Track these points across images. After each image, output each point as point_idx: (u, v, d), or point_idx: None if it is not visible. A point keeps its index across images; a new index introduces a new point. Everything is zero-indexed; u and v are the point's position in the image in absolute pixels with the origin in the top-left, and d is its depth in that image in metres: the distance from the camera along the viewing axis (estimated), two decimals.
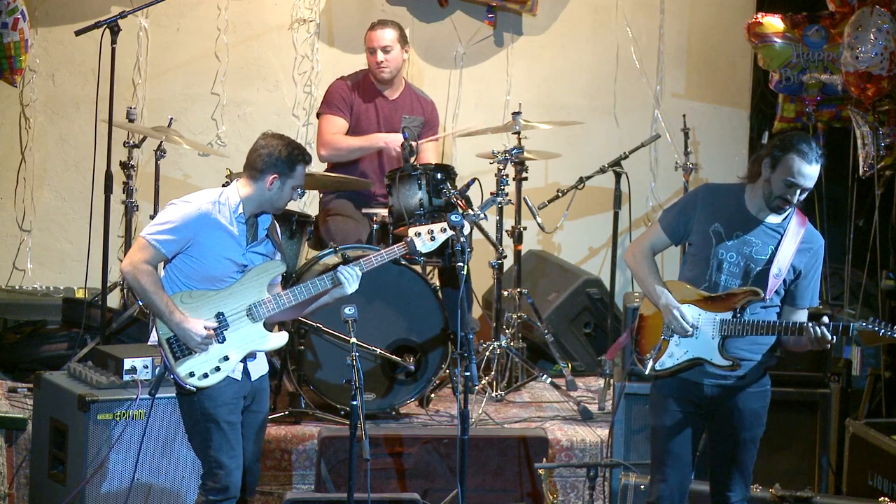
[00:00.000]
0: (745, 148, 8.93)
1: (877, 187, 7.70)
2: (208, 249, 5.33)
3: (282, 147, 5.37)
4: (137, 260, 5.30)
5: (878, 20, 7.39)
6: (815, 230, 5.40)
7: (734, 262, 5.29)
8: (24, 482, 6.45)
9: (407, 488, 6.34)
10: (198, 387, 5.33)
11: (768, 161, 5.24)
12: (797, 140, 5.22)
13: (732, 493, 5.38)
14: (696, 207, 5.35)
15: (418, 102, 7.70)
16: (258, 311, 5.39)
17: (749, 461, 5.38)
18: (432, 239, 5.66)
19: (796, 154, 5.18)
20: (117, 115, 7.28)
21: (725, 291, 5.29)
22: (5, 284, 8.29)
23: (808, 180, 5.20)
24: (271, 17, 8.55)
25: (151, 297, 5.30)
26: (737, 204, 5.32)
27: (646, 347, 5.39)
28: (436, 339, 6.87)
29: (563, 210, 7.72)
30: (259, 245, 5.44)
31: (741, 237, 5.28)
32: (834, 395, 6.69)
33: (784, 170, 5.20)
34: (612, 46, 8.83)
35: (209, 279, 5.36)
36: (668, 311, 5.30)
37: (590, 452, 6.72)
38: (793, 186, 5.20)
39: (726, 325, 5.27)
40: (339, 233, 7.30)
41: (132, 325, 7.26)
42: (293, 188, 5.40)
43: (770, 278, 5.25)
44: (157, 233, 5.32)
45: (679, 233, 5.39)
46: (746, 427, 5.34)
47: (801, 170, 5.18)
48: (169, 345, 5.33)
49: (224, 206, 5.36)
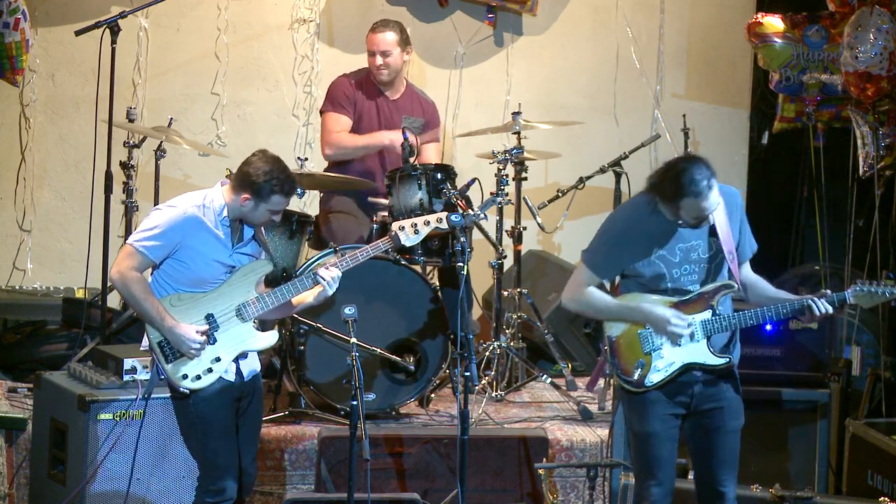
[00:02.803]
0: (745, 148, 8.93)
1: (877, 187, 7.70)
2: (196, 252, 5.32)
3: (262, 173, 5.29)
4: (125, 267, 5.30)
5: (877, 20, 7.39)
6: (725, 188, 5.26)
7: (690, 271, 5.24)
8: (24, 482, 6.45)
9: (407, 488, 6.34)
10: (191, 389, 5.33)
11: (669, 205, 5.13)
12: (685, 182, 5.06)
13: (726, 489, 5.32)
14: (625, 241, 5.25)
15: (419, 103, 7.70)
16: (247, 311, 5.39)
17: (737, 454, 5.34)
18: (416, 232, 5.67)
19: (690, 198, 5.07)
20: (117, 115, 7.28)
21: (697, 293, 5.25)
22: (5, 284, 8.29)
23: (711, 208, 5.11)
24: (271, 17, 8.55)
25: (142, 303, 5.29)
26: (658, 219, 5.22)
27: (628, 367, 5.30)
28: (436, 339, 6.86)
29: (563, 210, 7.72)
30: (245, 246, 5.43)
31: (683, 248, 5.23)
32: (834, 395, 6.69)
33: (688, 210, 5.11)
34: (612, 46, 8.83)
35: (198, 282, 5.36)
36: (663, 321, 5.22)
37: (590, 452, 6.71)
38: (702, 218, 5.14)
39: (709, 326, 5.24)
40: (341, 231, 7.30)
41: (132, 325, 7.26)
42: (269, 212, 5.36)
43: (728, 264, 5.22)
44: (144, 239, 5.31)
45: (614, 271, 5.30)
46: (733, 418, 5.31)
47: (702, 206, 5.09)
48: (161, 348, 5.34)
49: (209, 209, 5.34)
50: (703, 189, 5.07)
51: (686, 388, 5.28)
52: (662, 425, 5.28)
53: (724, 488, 5.33)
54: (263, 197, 5.31)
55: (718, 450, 5.31)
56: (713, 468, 5.33)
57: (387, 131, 7.48)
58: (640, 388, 5.27)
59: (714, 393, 5.29)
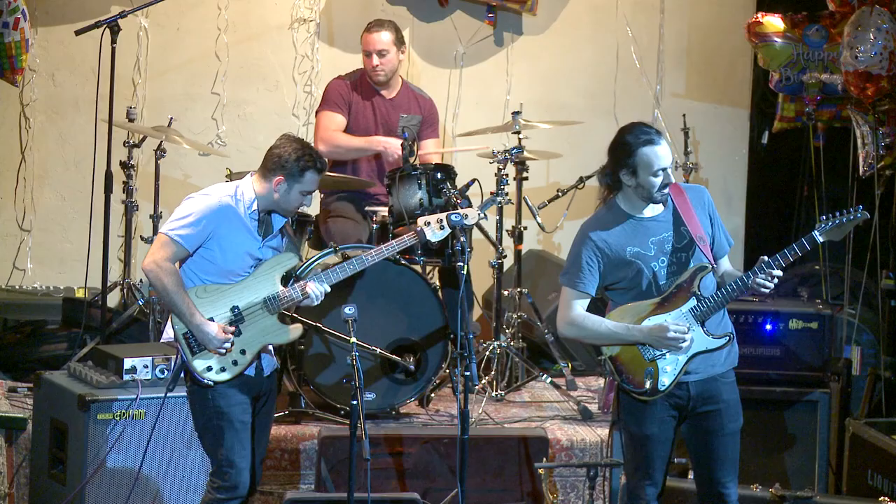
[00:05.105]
0: (745, 148, 8.93)
1: (877, 187, 7.70)
2: (228, 242, 5.31)
3: (292, 151, 5.31)
4: (160, 258, 5.26)
5: (877, 20, 7.39)
6: (690, 185, 5.39)
7: (667, 264, 5.25)
8: (24, 482, 6.45)
9: (407, 488, 6.34)
10: (215, 381, 5.32)
11: (625, 172, 5.19)
12: (632, 136, 5.17)
13: (728, 490, 5.32)
14: (597, 252, 5.26)
15: (416, 101, 7.70)
16: (274, 304, 5.38)
17: (738, 455, 5.34)
18: (441, 228, 5.67)
19: (644, 146, 5.15)
20: (117, 114, 7.28)
21: (675, 285, 5.24)
22: (5, 284, 8.30)
23: (668, 159, 5.18)
24: (271, 17, 8.56)
25: (173, 297, 5.27)
26: (624, 219, 5.26)
27: (638, 380, 5.28)
28: (436, 339, 6.86)
29: (564, 210, 7.72)
30: (272, 239, 5.43)
31: (655, 241, 5.24)
32: (834, 395, 6.69)
33: (644, 167, 5.16)
34: (612, 46, 8.83)
35: (225, 273, 5.34)
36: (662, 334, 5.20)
37: (590, 452, 6.71)
38: (661, 172, 5.18)
39: (697, 311, 5.22)
40: (339, 233, 7.30)
41: (132, 325, 7.27)
42: (301, 193, 5.35)
43: (701, 249, 5.22)
44: (179, 227, 5.27)
45: (596, 286, 5.29)
46: (732, 419, 5.30)
47: (658, 153, 5.15)
48: (186, 340, 5.32)
49: (240, 200, 5.34)
50: (652, 136, 5.16)
51: (682, 388, 5.27)
52: (660, 427, 5.28)
53: (725, 490, 5.33)
54: (296, 176, 5.31)
55: (718, 452, 5.30)
56: (713, 470, 5.33)
57: (382, 138, 7.47)
58: (655, 394, 5.26)
59: (711, 395, 5.28)
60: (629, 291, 5.28)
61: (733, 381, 5.35)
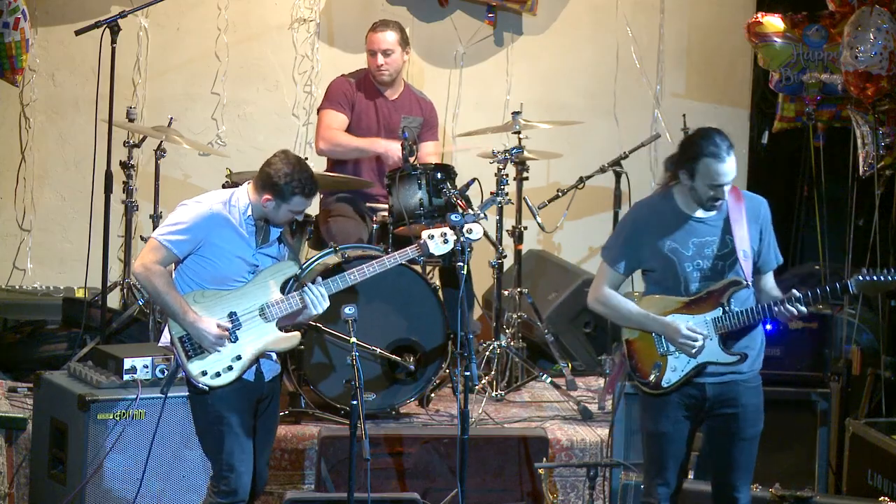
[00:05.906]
0: (745, 148, 8.92)
1: (877, 187, 7.70)
2: (220, 249, 5.33)
3: (283, 175, 5.31)
4: (149, 261, 5.30)
5: (877, 20, 7.39)
6: (751, 195, 5.39)
7: (702, 268, 5.25)
8: (24, 482, 6.45)
9: (407, 488, 6.34)
10: (210, 386, 5.32)
11: (684, 171, 5.22)
12: (704, 142, 5.18)
13: (740, 494, 5.34)
14: (639, 234, 5.29)
15: (418, 103, 7.70)
16: (271, 312, 5.39)
17: (753, 460, 5.35)
18: (445, 241, 5.66)
19: (709, 158, 5.15)
20: (117, 114, 7.28)
21: (706, 290, 5.25)
22: (5, 284, 8.29)
23: (728, 176, 5.19)
24: (271, 17, 8.56)
25: (164, 297, 5.29)
26: (674, 212, 5.28)
27: (645, 370, 5.31)
28: (436, 339, 6.87)
29: (564, 210, 7.72)
30: (269, 247, 5.44)
31: (696, 242, 5.25)
32: (834, 395, 6.69)
33: (703, 176, 5.17)
34: (612, 46, 8.83)
35: (221, 279, 5.36)
36: (675, 333, 5.24)
37: (590, 452, 6.71)
38: (718, 188, 5.19)
39: (720, 323, 5.24)
40: (340, 233, 7.29)
41: (132, 325, 7.27)
42: (290, 212, 5.37)
43: (741, 263, 5.23)
44: (169, 233, 5.31)
45: (632, 265, 5.34)
46: (750, 424, 5.30)
47: (719, 170, 5.16)
48: (182, 343, 5.33)
49: (234, 207, 5.36)
50: (721, 151, 5.15)
51: (699, 389, 5.28)
52: (674, 426, 5.29)
53: (738, 494, 5.34)
54: (285, 198, 5.32)
55: (733, 456, 5.32)
56: (727, 474, 5.35)
57: (383, 140, 7.47)
58: (657, 389, 5.28)
59: (730, 398, 5.29)
60: (659, 284, 5.31)
61: (757, 385, 5.35)
